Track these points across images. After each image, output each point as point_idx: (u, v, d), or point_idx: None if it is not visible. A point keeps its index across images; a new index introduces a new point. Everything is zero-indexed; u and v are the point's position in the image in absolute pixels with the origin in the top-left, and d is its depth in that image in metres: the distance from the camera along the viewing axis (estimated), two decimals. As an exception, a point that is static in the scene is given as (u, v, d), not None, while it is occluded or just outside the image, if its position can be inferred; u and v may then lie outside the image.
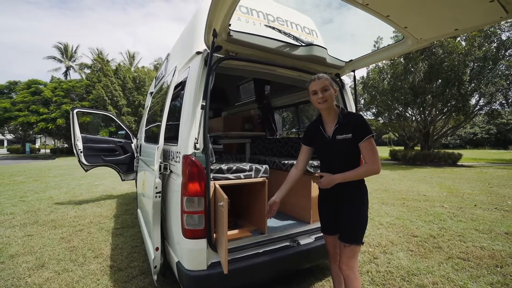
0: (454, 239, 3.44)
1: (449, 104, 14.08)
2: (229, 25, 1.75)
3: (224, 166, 2.01)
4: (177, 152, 1.90)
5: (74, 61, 36.67)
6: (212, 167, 1.96)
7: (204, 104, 1.76)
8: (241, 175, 2.07)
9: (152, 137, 3.03)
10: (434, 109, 15.09)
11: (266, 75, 2.35)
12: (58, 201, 5.61)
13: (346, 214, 1.68)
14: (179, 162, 1.83)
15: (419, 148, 17.44)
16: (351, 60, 2.48)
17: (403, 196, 6.11)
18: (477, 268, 2.66)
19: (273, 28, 2.25)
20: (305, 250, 2.11)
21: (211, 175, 1.91)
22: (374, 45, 15.05)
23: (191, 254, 1.71)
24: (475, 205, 5.16)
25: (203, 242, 1.72)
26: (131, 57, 34.08)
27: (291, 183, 1.83)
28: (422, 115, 15.99)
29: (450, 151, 14.83)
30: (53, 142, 32.51)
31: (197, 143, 1.75)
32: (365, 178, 1.70)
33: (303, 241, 2.18)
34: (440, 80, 13.76)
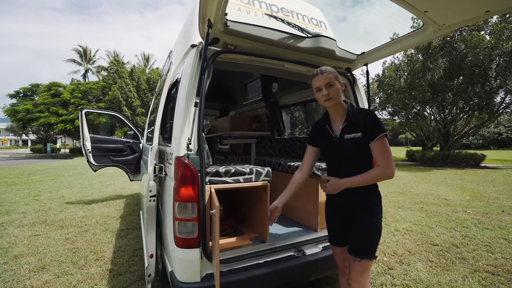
0: (480, 249, 3.12)
1: (471, 102, 13.26)
2: (226, 14, 1.60)
3: (221, 169, 1.85)
4: (170, 153, 1.77)
5: (93, 63, 37.94)
6: (208, 169, 1.81)
7: (198, 101, 1.61)
8: (241, 178, 1.91)
9: (151, 138, 2.93)
10: (455, 108, 14.29)
11: (272, 70, 2.17)
12: (69, 201, 5.69)
13: (356, 225, 1.49)
14: (172, 164, 1.70)
15: (438, 148, 16.61)
16: (363, 53, 2.25)
17: (422, 200, 5.74)
18: (509, 285, 2.36)
19: (276, 18, 2.07)
20: (311, 261, 1.91)
21: (207, 178, 1.76)
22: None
23: (183, 265, 1.57)
24: (503, 211, 4.73)
25: (196, 252, 1.57)
26: (146, 59, 34.80)
27: (295, 187, 1.66)
28: (442, 114, 15.20)
29: (472, 151, 13.98)
30: (72, 142, 33.77)
31: (190, 143, 1.60)
32: (378, 183, 1.50)
33: (309, 250, 1.99)
34: (461, 77, 12.99)
